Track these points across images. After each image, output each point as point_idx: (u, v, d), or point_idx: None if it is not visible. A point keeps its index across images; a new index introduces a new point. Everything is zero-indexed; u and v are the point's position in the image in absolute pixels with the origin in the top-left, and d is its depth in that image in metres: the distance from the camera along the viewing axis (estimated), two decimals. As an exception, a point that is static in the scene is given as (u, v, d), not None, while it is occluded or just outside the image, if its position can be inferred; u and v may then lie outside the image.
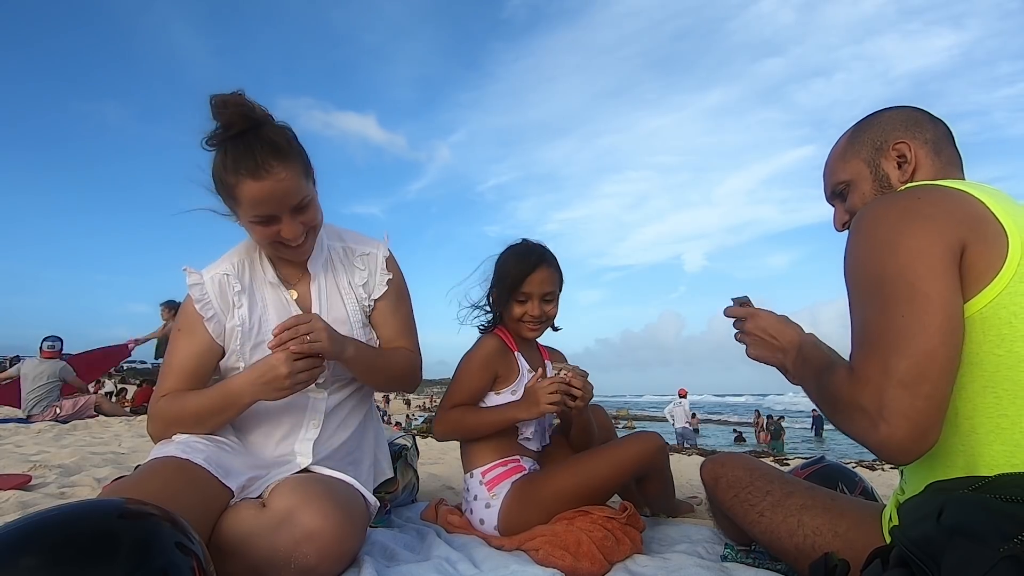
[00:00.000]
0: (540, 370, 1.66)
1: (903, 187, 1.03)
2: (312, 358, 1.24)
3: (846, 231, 1.17)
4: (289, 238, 1.28)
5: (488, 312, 1.74)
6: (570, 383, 1.52)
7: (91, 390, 6.80)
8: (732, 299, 1.28)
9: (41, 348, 6.48)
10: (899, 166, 1.08)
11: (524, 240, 1.73)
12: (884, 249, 0.88)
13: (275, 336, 1.22)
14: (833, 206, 1.21)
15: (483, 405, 1.65)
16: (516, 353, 1.69)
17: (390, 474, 1.64)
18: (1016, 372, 0.84)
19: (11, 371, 6.78)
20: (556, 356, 1.83)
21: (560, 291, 1.71)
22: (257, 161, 1.20)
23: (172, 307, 6.71)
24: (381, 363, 1.41)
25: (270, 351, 1.24)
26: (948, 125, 1.10)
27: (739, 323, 1.20)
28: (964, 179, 1.08)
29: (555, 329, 1.77)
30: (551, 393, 1.50)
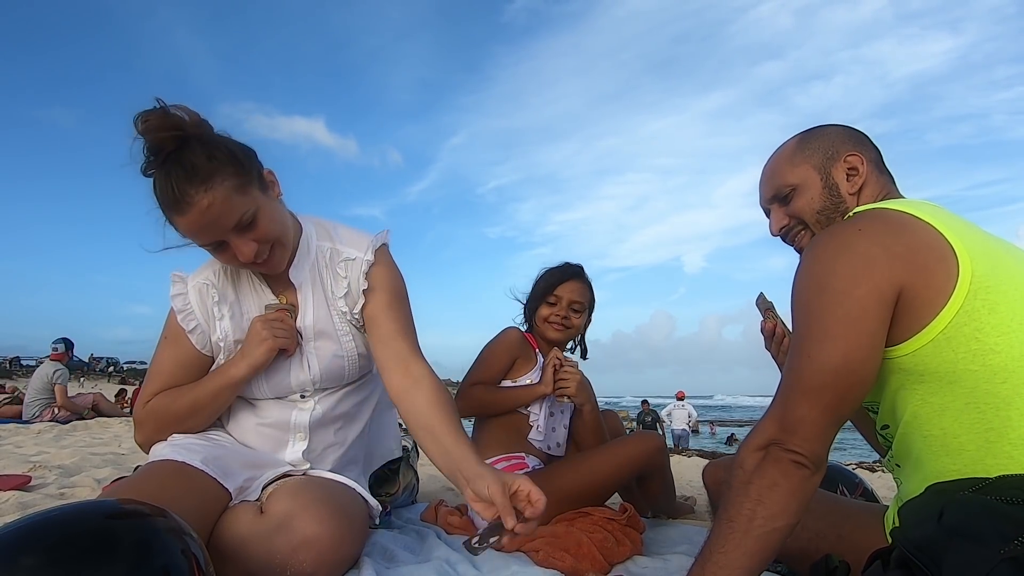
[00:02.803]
0: (553, 353, 1.74)
1: (853, 210, 1.06)
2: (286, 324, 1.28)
3: (780, 236, 1.19)
4: (244, 260, 1.17)
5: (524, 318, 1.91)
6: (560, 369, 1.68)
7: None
8: (758, 299, 1.33)
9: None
10: (848, 177, 1.10)
11: (566, 262, 1.90)
12: (814, 287, 0.92)
13: None
14: (768, 211, 1.21)
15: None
16: (536, 351, 1.81)
17: (398, 453, 1.64)
18: (994, 385, 0.84)
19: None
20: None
21: (591, 311, 1.87)
22: (175, 194, 1.08)
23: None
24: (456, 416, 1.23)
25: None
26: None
27: None
28: (902, 196, 1.10)
29: (584, 356, 1.93)
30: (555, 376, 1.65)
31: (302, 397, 1.34)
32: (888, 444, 1.03)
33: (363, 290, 1.30)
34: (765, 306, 1.34)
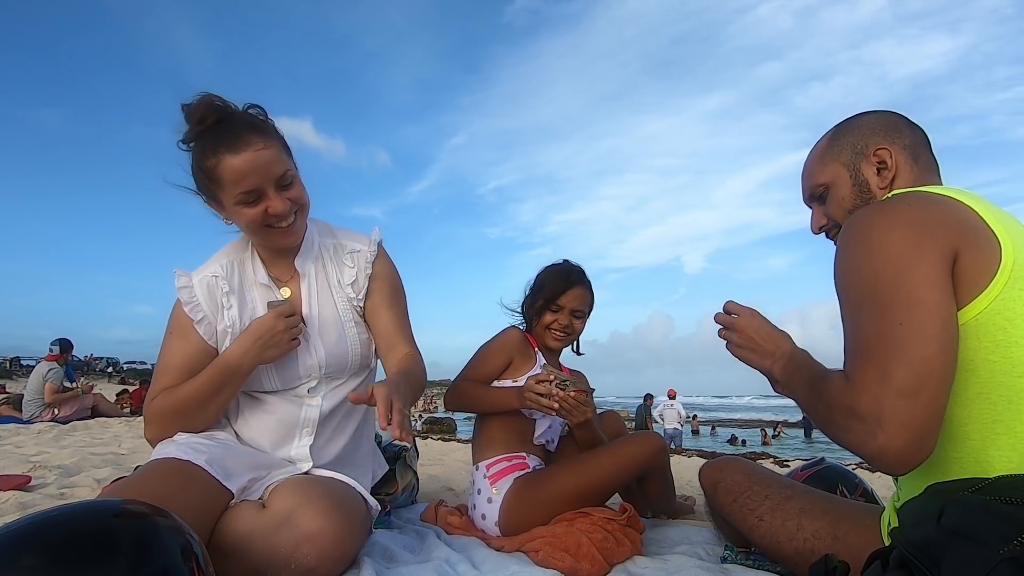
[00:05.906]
0: (546, 372, 1.64)
1: (889, 194, 1.02)
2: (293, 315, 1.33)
3: (822, 234, 1.17)
4: (278, 214, 1.25)
5: (521, 317, 1.89)
6: (553, 394, 1.56)
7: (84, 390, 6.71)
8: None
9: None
10: (879, 172, 1.07)
11: (565, 260, 1.88)
12: (878, 256, 0.86)
13: None
14: (810, 208, 1.20)
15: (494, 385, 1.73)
16: (536, 349, 1.79)
17: (385, 468, 1.65)
18: (1010, 378, 0.83)
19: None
20: (579, 378, 1.82)
21: (590, 312, 1.86)
22: (234, 135, 1.20)
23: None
24: (415, 388, 1.30)
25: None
26: (924, 131, 1.10)
27: (726, 321, 1.18)
28: (942, 184, 1.07)
29: (578, 353, 1.94)
30: (536, 394, 1.55)
31: (309, 392, 1.37)
32: None
33: (368, 275, 1.43)
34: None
